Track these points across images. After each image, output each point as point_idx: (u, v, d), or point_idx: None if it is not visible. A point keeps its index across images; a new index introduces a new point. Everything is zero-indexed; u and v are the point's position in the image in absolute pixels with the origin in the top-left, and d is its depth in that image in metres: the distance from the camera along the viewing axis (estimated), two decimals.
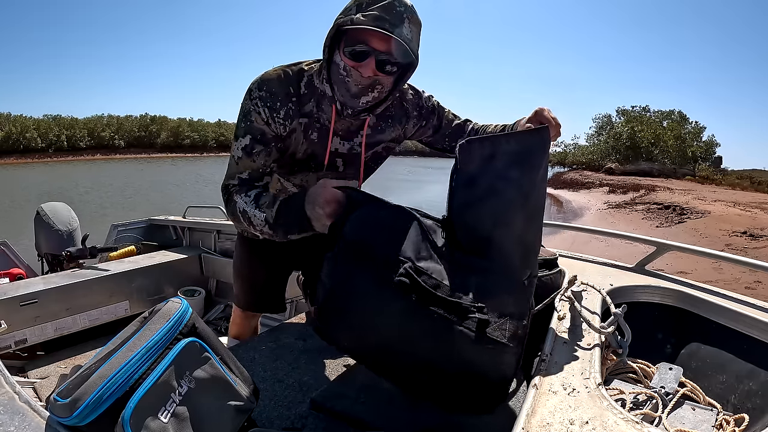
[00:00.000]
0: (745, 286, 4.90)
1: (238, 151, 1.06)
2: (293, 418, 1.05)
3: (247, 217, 1.01)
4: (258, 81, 1.05)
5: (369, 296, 0.80)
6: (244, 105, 1.06)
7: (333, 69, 1.01)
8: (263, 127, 1.05)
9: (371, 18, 0.91)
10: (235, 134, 1.08)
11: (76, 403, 0.59)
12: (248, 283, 1.47)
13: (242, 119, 1.06)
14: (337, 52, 0.99)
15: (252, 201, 1.01)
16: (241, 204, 1.02)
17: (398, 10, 0.93)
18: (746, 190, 19.86)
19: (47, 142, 39.17)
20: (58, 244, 2.53)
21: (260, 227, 0.99)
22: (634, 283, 1.21)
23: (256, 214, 0.99)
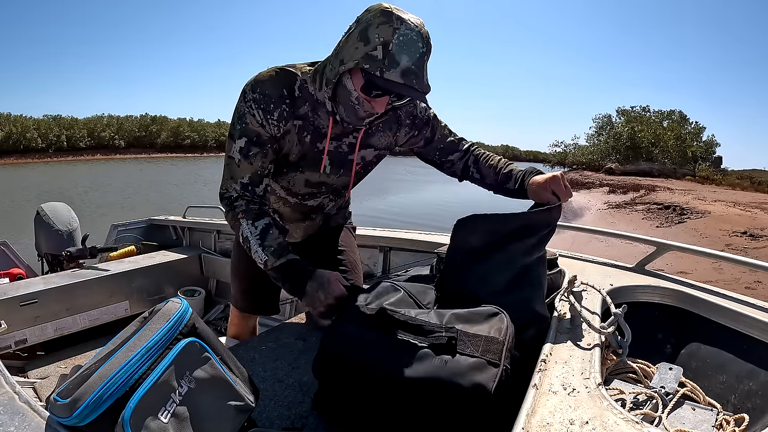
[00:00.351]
0: (745, 286, 4.90)
1: (235, 153, 1.06)
2: (293, 418, 1.05)
3: (248, 246, 1.03)
4: (251, 83, 1.05)
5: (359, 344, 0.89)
6: (239, 107, 1.05)
7: (341, 91, 0.99)
8: (258, 129, 1.05)
9: (399, 73, 0.90)
10: (231, 135, 1.08)
11: (76, 403, 0.59)
12: (246, 284, 1.47)
13: (237, 121, 1.06)
14: (348, 78, 0.97)
15: (258, 235, 1.02)
16: (245, 231, 1.03)
17: (421, 52, 0.92)
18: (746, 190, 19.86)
19: (47, 142, 39.17)
20: (58, 244, 2.53)
21: (256, 260, 1.03)
22: (634, 283, 1.21)
23: (258, 252, 1.02)
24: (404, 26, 0.90)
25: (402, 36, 0.90)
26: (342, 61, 0.95)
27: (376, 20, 0.90)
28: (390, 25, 0.89)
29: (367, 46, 0.90)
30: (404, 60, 0.90)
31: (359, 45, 0.91)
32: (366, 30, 0.91)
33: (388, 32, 0.89)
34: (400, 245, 1.99)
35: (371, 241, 2.05)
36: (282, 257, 1.01)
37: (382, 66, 0.90)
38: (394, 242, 2.00)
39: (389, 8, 0.91)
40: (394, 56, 0.89)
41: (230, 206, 1.07)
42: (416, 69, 0.92)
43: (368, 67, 0.91)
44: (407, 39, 0.90)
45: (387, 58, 0.90)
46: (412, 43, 0.91)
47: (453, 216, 1.14)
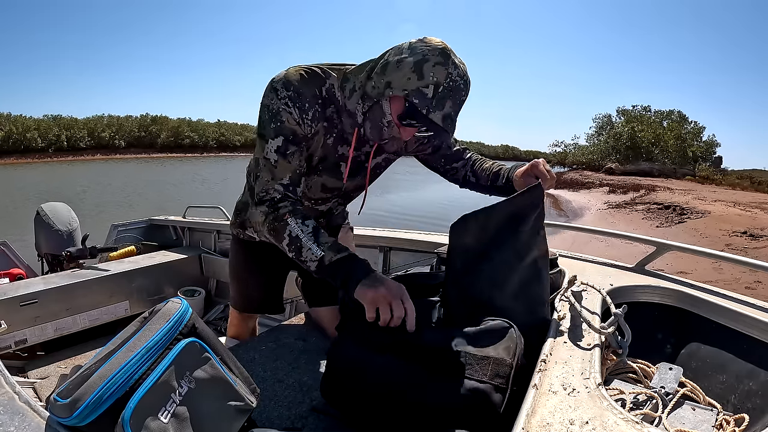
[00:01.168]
0: (745, 286, 4.90)
1: (271, 153, 1.01)
2: (293, 418, 1.05)
3: (297, 245, 0.96)
4: (283, 81, 1.02)
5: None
6: (272, 105, 1.01)
7: (375, 110, 1.01)
8: (295, 127, 1.02)
9: (441, 117, 0.94)
10: (262, 135, 1.03)
11: (76, 403, 0.59)
12: (245, 285, 1.47)
13: (271, 119, 1.01)
14: (387, 101, 0.98)
15: (311, 232, 0.96)
16: (295, 230, 0.96)
17: (462, 99, 0.96)
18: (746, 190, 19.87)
19: (47, 142, 39.14)
20: (58, 244, 2.53)
21: (307, 258, 0.95)
22: (634, 283, 1.21)
23: (312, 248, 0.94)
24: (456, 72, 0.93)
25: (453, 82, 0.93)
26: (390, 85, 0.96)
27: (433, 58, 0.92)
28: (445, 68, 0.92)
29: (421, 81, 0.92)
30: (448, 105, 0.94)
31: (413, 77, 0.93)
32: (422, 64, 0.92)
33: (442, 74, 0.92)
34: (400, 245, 1.99)
35: (371, 241, 2.05)
36: (341, 252, 0.94)
37: (430, 106, 0.93)
38: (394, 242, 2.00)
39: (446, 49, 0.94)
40: (442, 99, 0.93)
41: (273, 208, 1.00)
42: (454, 115, 0.96)
43: (417, 102, 0.93)
44: (456, 86, 0.93)
45: (436, 99, 0.93)
46: (459, 90, 0.94)
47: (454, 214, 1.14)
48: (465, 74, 0.95)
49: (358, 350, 0.90)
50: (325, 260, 0.94)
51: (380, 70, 0.98)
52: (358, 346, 0.90)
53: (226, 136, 55.88)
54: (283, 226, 0.97)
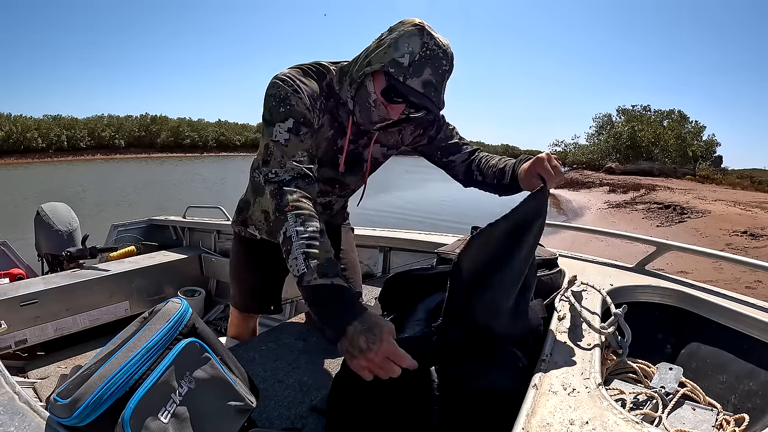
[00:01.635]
0: (745, 286, 4.90)
1: (281, 134, 0.95)
2: (293, 418, 1.05)
3: (287, 247, 0.83)
4: (289, 75, 1.01)
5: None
6: (279, 92, 0.98)
7: (361, 92, 1.02)
8: (304, 111, 0.99)
9: (421, 83, 0.94)
10: (270, 121, 0.97)
11: (76, 403, 0.59)
12: (245, 284, 1.47)
13: (279, 104, 0.97)
14: (370, 81, 1.00)
15: (305, 238, 0.82)
16: (290, 229, 0.84)
17: (444, 69, 0.96)
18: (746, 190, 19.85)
19: (47, 142, 39.18)
20: (58, 244, 2.53)
21: (291, 266, 0.82)
22: (634, 283, 1.21)
23: (297, 259, 0.81)
24: (433, 42, 0.94)
25: (429, 50, 0.94)
26: (369, 62, 0.98)
27: (408, 32, 0.94)
28: (420, 38, 0.93)
29: (396, 53, 0.94)
30: (427, 72, 0.94)
31: (389, 50, 0.95)
32: (398, 39, 0.95)
33: (417, 44, 0.93)
34: (400, 245, 1.99)
35: (371, 241, 2.05)
36: (326, 277, 0.79)
37: (406, 72, 0.93)
38: (393, 242, 2.00)
39: (422, 24, 0.95)
40: (419, 66, 0.93)
41: (280, 190, 0.89)
42: (436, 83, 0.95)
43: (393, 71, 0.94)
44: (434, 54, 0.94)
45: (412, 66, 0.93)
46: (438, 58, 0.94)
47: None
48: (444, 45, 0.96)
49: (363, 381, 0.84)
50: (304, 280, 0.79)
51: (363, 54, 1.01)
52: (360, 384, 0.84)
53: (227, 136, 55.92)
54: (282, 222, 0.86)
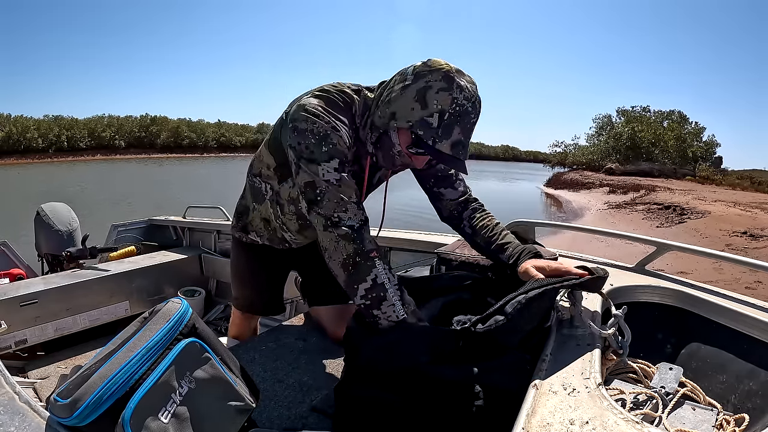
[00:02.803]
0: (745, 286, 4.90)
1: (330, 174, 0.95)
2: (293, 418, 1.05)
3: (379, 294, 0.89)
4: (322, 108, 0.98)
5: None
6: (317, 129, 0.96)
7: (384, 140, 0.99)
8: (345, 150, 0.98)
9: (450, 145, 0.90)
10: (312, 159, 0.95)
11: (77, 403, 0.59)
12: (246, 285, 1.47)
13: (320, 143, 0.95)
14: (395, 132, 0.96)
15: (397, 287, 0.91)
16: (381, 276, 0.90)
17: (472, 123, 0.93)
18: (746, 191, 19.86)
19: (47, 143, 39.17)
20: (58, 244, 2.53)
21: (385, 313, 0.88)
22: (634, 283, 1.21)
23: (396, 305, 0.89)
24: (462, 96, 0.89)
25: (459, 107, 0.89)
26: (394, 116, 0.94)
27: (436, 85, 0.89)
28: (450, 94, 0.88)
29: (424, 111, 0.90)
30: (456, 132, 0.90)
31: (416, 106, 0.90)
32: (425, 92, 0.89)
33: (447, 101, 0.88)
34: (400, 245, 1.98)
35: None
36: (420, 321, 0.92)
37: (435, 136, 0.90)
38: (394, 242, 2.00)
39: (451, 72, 0.89)
40: (448, 127, 0.90)
41: (359, 237, 0.93)
42: (464, 140, 0.92)
43: (422, 133, 0.91)
44: (463, 110, 0.90)
45: (441, 128, 0.90)
46: (467, 114, 0.91)
47: None
48: (473, 95, 0.91)
49: (366, 389, 0.86)
50: (404, 323, 0.88)
51: (385, 99, 0.96)
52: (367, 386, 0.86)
53: (227, 137, 55.93)
54: (369, 268, 0.90)
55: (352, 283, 0.92)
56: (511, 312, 0.84)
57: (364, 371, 0.88)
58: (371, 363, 0.87)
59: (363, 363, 0.88)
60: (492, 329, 0.84)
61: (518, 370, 0.82)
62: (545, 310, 0.93)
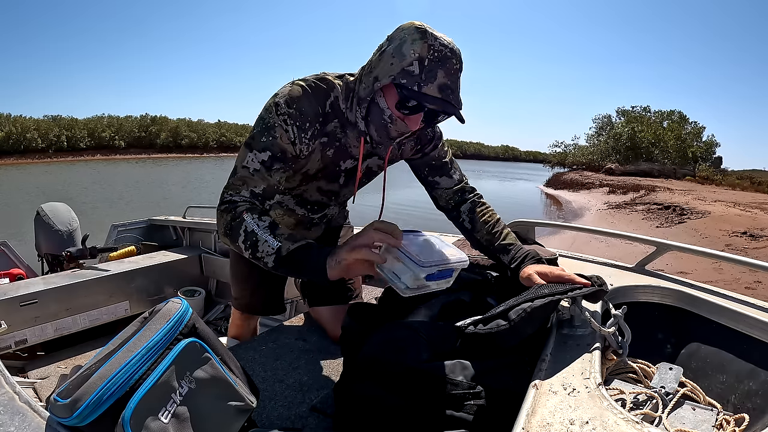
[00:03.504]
0: (745, 286, 4.90)
1: (254, 163, 0.97)
2: (293, 418, 1.05)
3: (253, 240, 0.90)
4: (286, 98, 0.98)
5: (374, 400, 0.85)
6: (268, 119, 0.98)
7: (373, 110, 0.98)
8: (287, 146, 0.99)
9: (437, 88, 0.89)
10: (250, 144, 0.98)
11: (77, 403, 0.59)
12: (247, 286, 1.47)
13: (263, 132, 0.98)
14: (381, 96, 0.96)
15: (266, 227, 0.90)
16: (251, 224, 0.91)
17: (455, 68, 0.92)
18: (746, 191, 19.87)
19: (47, 143, 39.18)
20: (58, 244, 2.53)
21: (263, 254, 0.89)
22: (634, 283, 1.21)
23: (268, 241, 0.88)
24: (438, 42, 0.89)
25: (437, 52, 0.89)
26: (377, 78, 0.93)
27: (410, 37, 0.89)
28: (425, 41, 0.88)
29: (403, 62, 0.89)
30: (441, 75, 0.90)
31: (394, 61, 0.90)
32: (401, 47, 0.90)
33: (423, 48, 0.88)
34: None
35: None
36: (298, 241, 0.88)
37: (420, 81, 0.89)
38: None
39: (423, 26, 0.90)
40: (431, 71, 0.89)
41: (232, 206, 0.95)
42: (452, 84, 0.92)
43: (405, 82, 0.90)
44: (442, 55, 0.89)
45: (424, 72, 0.89)
46: (447, 59, 0.90)
47: None
48: (450, 44, 0.91)
49: (368, 387, 0.86)
50: (282, 251, 0.87)
51: (367, 70, 0.97)
52: (369, 384, 0.86)
53: (227, 137, 55.95)
54: (239, 223, 0.91)
55: (233, 244, 0.93)
56: (515, 319, 0.84)
57: (363, 369, 0.88)
58: (370, 361, 0.87)
59: (361, 361, 0.88)
60: (494, 332, 0.85)
61: (518, 370, 0.82)
62: (547, 317, 0.93)
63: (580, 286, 0.92)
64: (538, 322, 0.89)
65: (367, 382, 0.86)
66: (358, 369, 0.89)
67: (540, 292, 0.90)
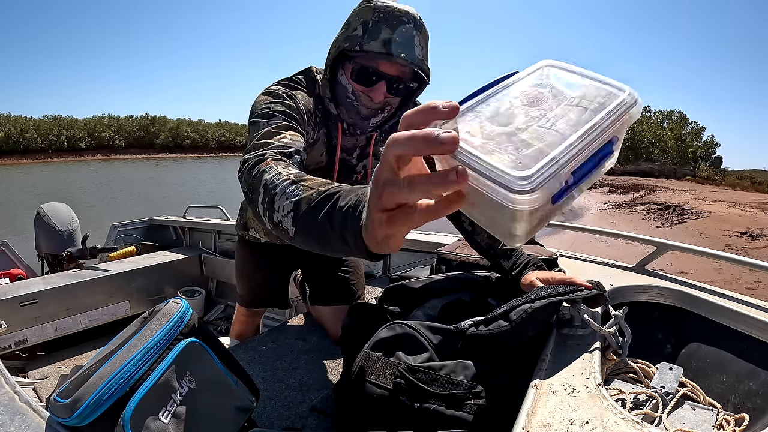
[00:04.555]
0: (745, 286, 4.90)
1: (272, 122, 0.84)
2: (293, 418, 1.05)
3: (270, 195, 0.62)
4: (284, 90, 0.94)
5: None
6: (272, 94, 0.92)
7: (339, 90, 0.96)
8: (296, 115, 0.91)
9: (380, 43, 0.86)
10: (258, 117, 0.86)
11: (77, 403, 0.59)
12: (252, 280, 1.48)
13: (271, 103, 0.89)
14: (342, 73, 0.94)
15: (291, 175, 0.63)
16: (271, 173, 0.65)
17: (407, 27, 0.88)
18: (746, 191, 19.87)
19: (47, 143, 39.25)
20: (58, 244, 2.53)
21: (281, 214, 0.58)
22: (634, 283, 1.21)
23: (286, 191, 0.59)
24: (385, 7, 0.87)
25: (383, 13, 0.87)
26: (331, 53, 0.93)
27: (357, 8, 0.90)
28: (370, 6, 0.88)
29: (348, 29, 0.90)
30: (385, 32, 0.86)
31: (342, 32, 0.91)
32: (348, 18, 0.91)
33: (368, 13, 0.88)
34: None
35: None
36: (326, 186, 0.55)
37: (361, 41, 0.87)
38: None
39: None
40: (374, 30, 0.87)
41: (255, 161, 0.72)
42: (401, 40, 0.87)
43: (347, 45, 0.88)
44: (388, 15, 0.87)
45: (367, 33, 0.87)
46: (394, 17, 0.87)
47: None
48: (401, 8, 0.87)
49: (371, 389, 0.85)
50: (302, 204, 0.55)
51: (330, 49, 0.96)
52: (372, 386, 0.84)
53: (227, 137, 55.96)
54: (259, 178, 0.67)
55: (255, 209, 0.67)
56: (516, 320, 0.84)
57: (363, 369, 0.88)
58: (370, 361, 0.87)
59: (362, 361, 0.88)
60: (495, 333, 0.85)
61: (519, 370, 0.82)
62: (548, 319, 0.93)
63: (582, 289, 0.92)
64: (540, 324, 0.89)
65: (367, 382, 0.86)
66: (358, 369, 0.89)
67: (541, 293, 0.90)
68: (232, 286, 2.42)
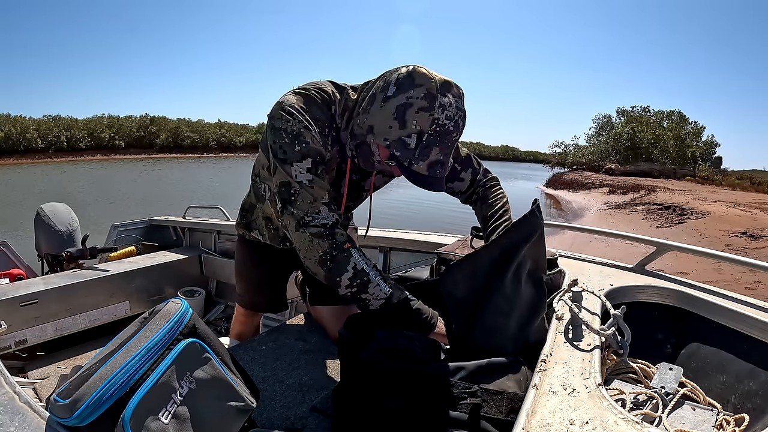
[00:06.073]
0: (745, 286, 4.90)
1: (302, 175, 0.94)
2: (293, 418, 1.05)
3: (363, 280, 0.92)
4: (297, 105, 0.96)
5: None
6: (290, 127, 0.95)
7: (364, 148, 0.98)
8: (320, 148, 0.97)
9: (427, 165, 0.89)
10: (284, 160, 0.95)
11: (77, 403, 0.59)
12: (251, 282, 1.48)
13: (293, 142, 0.94)
14: (374, 141, 0.94)
15: (374, 267, 0.95)
16: (360, 263, 0.93)
17: (453, 140, 0.90)
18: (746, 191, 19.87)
19: (47, 143, 39.17)
20: (58, 244, 2.53)
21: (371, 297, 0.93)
22: (634, 283, 1.21)
23: (380, 285, 0.93)
24: (444, 116, 0.85)
25: (440, 127, 0.86)
26: (372, 130, 0.92)
27: (417, 103, 0.85)
28: (430, 114, 0.85)
29: (402, 130, 0.87)
30: (435, 153, 0.88)
31: (394, 125, 0.87)
32: (404, 111, 0.86)
33: (426, 122, 0.85)
34: (400, 245, 1.98)
35: (371, 242, 2.05)
36: (403, 291, 0.95)
37: (412, 158, 0.88)
38: (394, 242, 2.00)
39: (433, 90, 0.85)
40: (426, 148, 0.87)
41: (327, 231, 0.93)
42: (443, 159, 0.90)
43: (399, 154, 0.89)
44: (444, 130, 0.87)
45: (419, 150, 0.87)
46: (448, 134, 0.88)
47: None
48: (456, 113, 0.87)
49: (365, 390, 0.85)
50: (393, 298, 0.93)
51: (367, 108, 0.93)
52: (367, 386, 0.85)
53: (227, 137, 55.93)
54: (347, 258, 0.92)
55: (333, 277, 0.93)
56: None
57: (361, 374, 0.88)
58: (367, 366, 0.87)
59: (358, 367, 0.88)
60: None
61: (517, 370, 0.82)
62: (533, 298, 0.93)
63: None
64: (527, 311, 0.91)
65: (365, 385, 0.86)
66: (355, 374, 0.90)
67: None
68: (232, 286, 2.42)
